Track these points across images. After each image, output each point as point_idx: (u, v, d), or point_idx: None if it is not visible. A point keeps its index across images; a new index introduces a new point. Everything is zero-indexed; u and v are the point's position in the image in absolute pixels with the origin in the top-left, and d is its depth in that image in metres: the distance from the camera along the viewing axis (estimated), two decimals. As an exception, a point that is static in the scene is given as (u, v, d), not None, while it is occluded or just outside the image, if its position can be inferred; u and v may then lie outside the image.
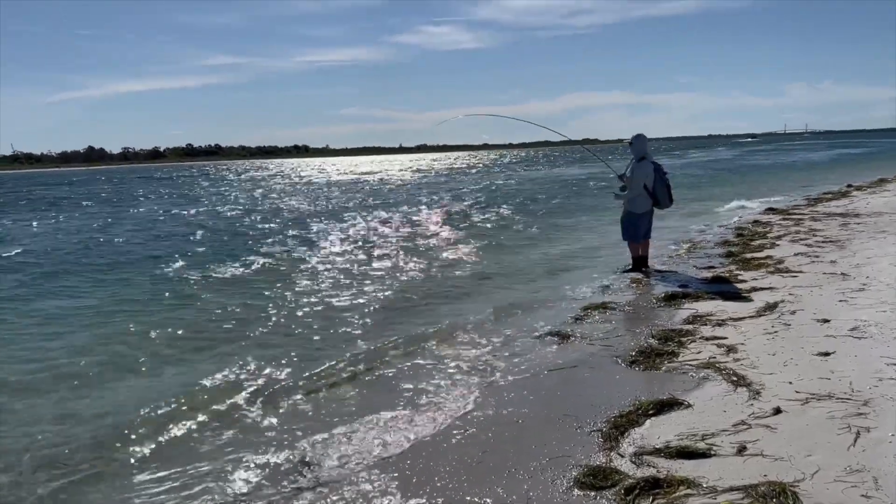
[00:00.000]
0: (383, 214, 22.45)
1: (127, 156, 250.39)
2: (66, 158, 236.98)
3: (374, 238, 16.18)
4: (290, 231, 18.35)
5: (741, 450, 4.02)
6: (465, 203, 25.83)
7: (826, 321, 6.41)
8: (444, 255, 13.06)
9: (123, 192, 46.86)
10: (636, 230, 9.89)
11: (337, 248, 14.49)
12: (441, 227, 17.99)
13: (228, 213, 25.49)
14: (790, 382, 4.98)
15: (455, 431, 4.73)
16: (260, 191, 42.24)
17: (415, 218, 20.79)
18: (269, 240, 16.48)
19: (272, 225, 20.28)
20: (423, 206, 25.04)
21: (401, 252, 13.54)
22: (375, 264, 12.20)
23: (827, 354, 5.49)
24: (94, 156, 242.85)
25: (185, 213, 26.65)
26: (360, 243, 15.25)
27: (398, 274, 11.10)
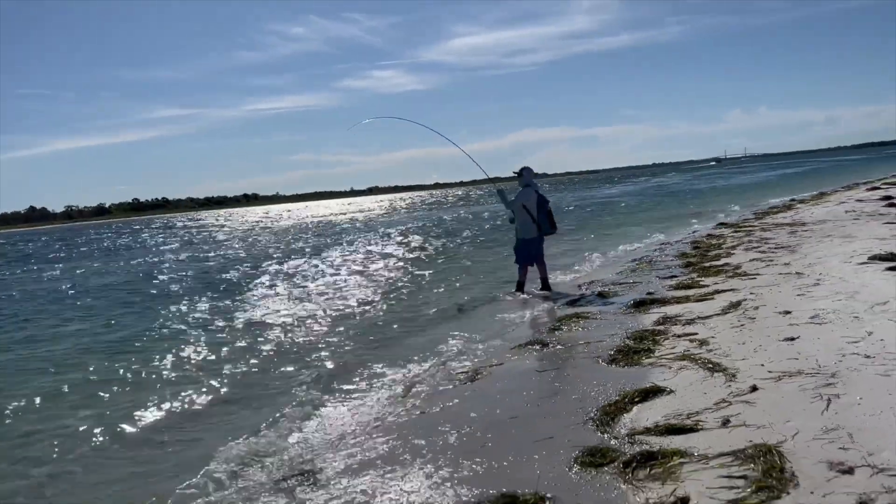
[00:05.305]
0: (338, 253, 22.59)
1: (71, 214, 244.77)
2: (5, 220, 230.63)
3: (335, 274, 16.33)
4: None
5: (725, 422, 4.30)
6: (408, 238, 26.17)
7: (788, 312, 6.80)
8: (403, 287, 13.27)
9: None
10: (527, 254, 10.66)
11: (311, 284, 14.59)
12: (392, 260, 18.21)
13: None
14: (762, 365, 5.30)
15: (452, 427, 4.92)
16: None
17: (371, 254, 21.01)
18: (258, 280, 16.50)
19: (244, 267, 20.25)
20: (376, 242, 25.29)
21: (364, 286, 13.74)
22: (350, 297, 12.36)
23: (792, 339, 5.85)
24: (35, 216, 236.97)
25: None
26: (332, 280, 15.38)
27: (375, 306, 11.28)
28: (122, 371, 8.02)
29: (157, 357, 8.64)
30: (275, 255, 23.89)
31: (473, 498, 3.77)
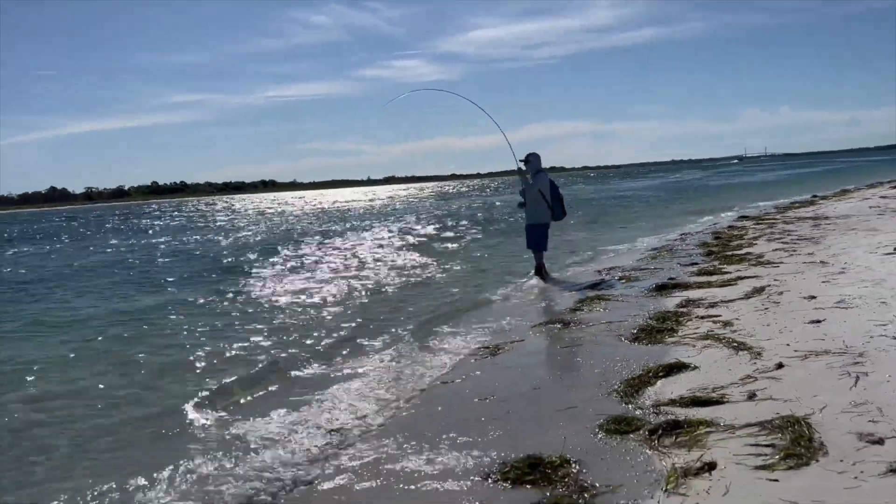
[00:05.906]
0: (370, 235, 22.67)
1: (90, 195, 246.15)
2: (27, 199, 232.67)
3: (369, 258, 16.41)
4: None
5: (751, 396, 4.29)
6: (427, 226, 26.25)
7: (813, 297, 6.76)
8: (429, 271, 13.34)
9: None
10: (543, 239, 10.59)
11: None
12: (410, 250, 18.26)
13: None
14: (788, 344, 5.28)
15: (475, 396, 4.95)
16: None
17: (394, 241, 21.09)
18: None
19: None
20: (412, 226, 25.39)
21: (389, 271, 13.83)
22: (375, 280, 12.43)
23: (818, 322, 5.81)
24: (55, 196, 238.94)
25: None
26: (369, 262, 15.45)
27: (392, 289, 11.34)
28: (160, 346, 8.04)
29: (185, 333, 8.72)
30: (300, 239, 23.96)
31: (499, 459, 3.78)
